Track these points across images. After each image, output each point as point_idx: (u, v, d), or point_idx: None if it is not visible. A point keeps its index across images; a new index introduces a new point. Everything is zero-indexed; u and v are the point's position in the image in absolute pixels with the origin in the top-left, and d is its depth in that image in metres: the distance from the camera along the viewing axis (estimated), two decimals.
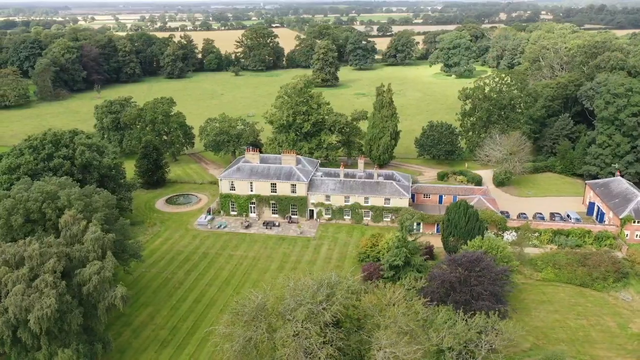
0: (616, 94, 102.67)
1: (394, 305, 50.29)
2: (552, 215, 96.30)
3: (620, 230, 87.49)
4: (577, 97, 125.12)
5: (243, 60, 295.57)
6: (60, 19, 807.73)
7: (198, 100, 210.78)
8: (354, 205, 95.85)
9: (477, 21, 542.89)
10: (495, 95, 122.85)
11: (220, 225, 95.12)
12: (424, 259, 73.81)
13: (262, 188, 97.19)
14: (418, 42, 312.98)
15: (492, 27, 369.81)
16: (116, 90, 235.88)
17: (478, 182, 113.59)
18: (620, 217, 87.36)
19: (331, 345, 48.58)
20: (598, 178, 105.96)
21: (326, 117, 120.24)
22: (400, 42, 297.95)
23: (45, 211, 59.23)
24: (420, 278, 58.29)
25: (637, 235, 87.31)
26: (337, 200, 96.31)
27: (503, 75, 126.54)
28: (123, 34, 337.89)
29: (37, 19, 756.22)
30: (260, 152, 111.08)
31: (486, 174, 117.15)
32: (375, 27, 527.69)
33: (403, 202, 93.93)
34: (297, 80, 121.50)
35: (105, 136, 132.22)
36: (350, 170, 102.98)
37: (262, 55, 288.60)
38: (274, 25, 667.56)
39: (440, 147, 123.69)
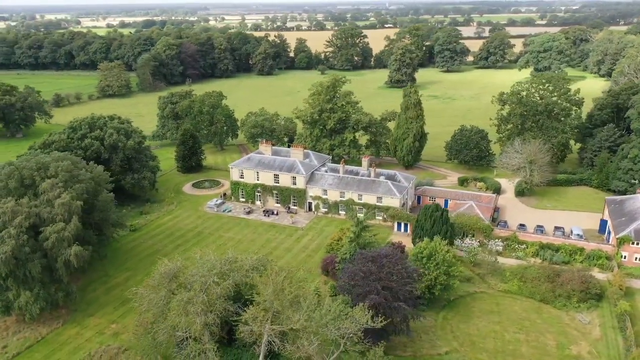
0: None
1: (281, 289, 54.05)
2: (556, 229, 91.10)
3: (616, 250, 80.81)
4: (629, 107, 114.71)
5: (331, 59, 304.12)
6: (194, 18, 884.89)
7: (275, 96, 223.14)
8: (348, 201, 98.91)
9: (609, 23, 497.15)
10: (530, 101, 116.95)
11: (226, 210, 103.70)
12: None
13: (266, 178, 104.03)
14: (514, 45, 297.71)
15: (612, 30, 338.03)
16: (208, 84, 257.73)
17: (497, 189, 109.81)
18: (617, 236, 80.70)
19: (216, 315, 54.25)
20: (626, 195, 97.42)
21: (353, 115, 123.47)
22: (493, 44, 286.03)
23: (35, 178, 71.66)
24: None
25: (636, 258, 79.97)
26: (333, 195, 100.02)
27: (543, 80, 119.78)
28: (255, 33, 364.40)
29: (177, 18, 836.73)
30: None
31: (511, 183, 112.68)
32: (487, 29, 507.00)
33: (394, 201, 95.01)
34: (328, 77, 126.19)
35: (165, 124, 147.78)
36: (354, 168, 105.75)
37: (349, 55, 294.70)
38: (386, 25, 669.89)
39: (467, 152, 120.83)
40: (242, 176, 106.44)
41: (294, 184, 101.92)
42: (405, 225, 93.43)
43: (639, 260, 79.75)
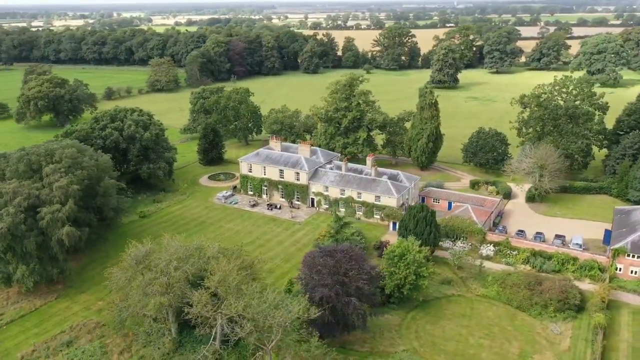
0: None
1: (233, 277, 56.65)
2: (556, 237, 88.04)
3: (611, 262, 77.27)
4: None
5: (378, 58, 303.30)
6: (258, 17, 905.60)
7: (317, 94, 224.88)
8: (347, 199, 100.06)
9: None
10: (550, 104, 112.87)
11: (232, 202, 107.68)
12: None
13: (272, 173, 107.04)
14: (570, 46, 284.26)
15: None
16: (252, 81, 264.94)
17: (507, 194, 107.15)
18: (612, 247, 77.18)
19: (174, 297, 57.81)
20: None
21: (369, 114, 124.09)
22: (547, 44, 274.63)
23: (41, 163, 78.30)
24: None
25: (632, 271, 76.14)
26: (334, 192, 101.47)
27: (568, 82, 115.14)
28: (304, 31, 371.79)
29: (242, 17, 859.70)
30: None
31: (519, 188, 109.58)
32: (552, 29, 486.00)
33: (391, 201, 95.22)
34: (346, 76, 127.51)
35: (195, 118, 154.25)
36: (359, 166, 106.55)
37: (395, 55, 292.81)
38: (448, 25, 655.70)
39: (482, 154, 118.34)
40: (250, 170, 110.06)
41: (298, 179, 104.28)
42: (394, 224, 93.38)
43: (636, 273, 75.87)
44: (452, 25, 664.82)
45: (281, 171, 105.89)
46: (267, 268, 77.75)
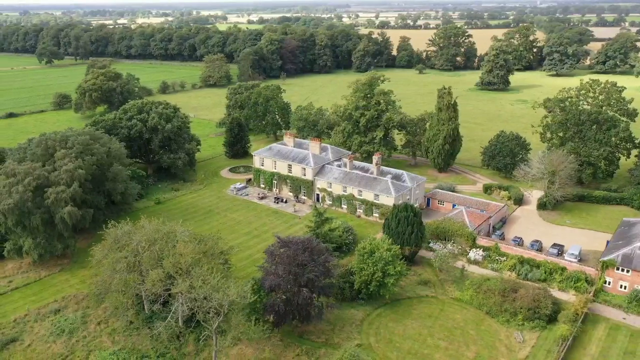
0: None
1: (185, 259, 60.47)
2: (553, 246, 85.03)
3: (600, 274, 73.84)
4: None
5: (433, 58, 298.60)
6: (328, 15, 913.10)
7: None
8: (348, 196, 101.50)
9: None
10: (573, 109, 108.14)
11: (243, 194, 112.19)
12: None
13: (281, 167, 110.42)
14: None
15: None
16: (303, 78, 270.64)
17: (519, 200, 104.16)
18: (601, 259, 73.74)
19: (140, 274, 62.75)
20: None
21: (388, 114, 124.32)
22: (613, 47, 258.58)
23: (56, 148, 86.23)
24: None
25: (621, 285, 72.40)
26: (337, 189, 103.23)
27: (596, 87, 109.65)
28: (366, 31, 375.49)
29: (314, 15, 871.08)
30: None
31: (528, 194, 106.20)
32: (634, 30, 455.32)
33: (388, 200, 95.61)
34: (367, 76, 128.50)
35: (230, 113, 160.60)
36: (365, 164, 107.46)
37: (449, 55, 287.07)
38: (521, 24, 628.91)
39: (500, 158, 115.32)
40: (262, 164, 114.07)
41: (304, 175, 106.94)
42: None
43: (625, 288, 72.07)
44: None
45: (289, 166, 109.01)
46: (251, 257, 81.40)
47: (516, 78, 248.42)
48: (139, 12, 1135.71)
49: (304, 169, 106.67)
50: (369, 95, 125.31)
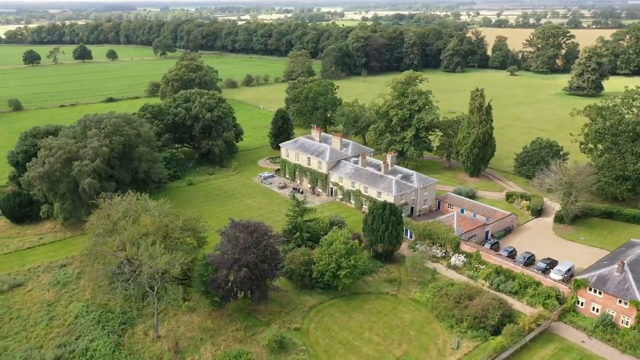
0: None
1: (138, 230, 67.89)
2: (544, 260, 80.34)
3: (572, 293, 69.00)
4: None
5: (529, 60, 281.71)
6: (444, 13, 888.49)
7: (438, 93, 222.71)
8: (356, 192, 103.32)
9: None
10: (612, 118, 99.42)
11: (268, 182, 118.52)
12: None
13: (302, 159, 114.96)
14: None
15: None
16: (385, 76, 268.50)
17: (538, 210, 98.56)
18: (576, 277, 68.86)
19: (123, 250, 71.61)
20: None
21: (420, 114, 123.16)
22: None
23: (91, 128, 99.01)
24: None
25: (593, 308, 67.15)
26: (347, 184, 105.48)
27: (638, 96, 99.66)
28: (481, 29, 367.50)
29: (433, 13, 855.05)
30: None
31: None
32: None
33: (389, 198, 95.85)
34: (405, 75, 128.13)
35: (289, 106, 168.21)
36: (380, 162, 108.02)
37: (547, 57, 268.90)
38: None
39: (530, 166, 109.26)
40: (287, 155, 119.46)
41: (320, 168, 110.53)
42: None
43: (597, 311, 66.77)
44: None
45: (309, 159, 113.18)
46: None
47: (616, 84, 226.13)
48: (263, 9, 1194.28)
49: (320, 162, 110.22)
50: (404, 95, 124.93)
